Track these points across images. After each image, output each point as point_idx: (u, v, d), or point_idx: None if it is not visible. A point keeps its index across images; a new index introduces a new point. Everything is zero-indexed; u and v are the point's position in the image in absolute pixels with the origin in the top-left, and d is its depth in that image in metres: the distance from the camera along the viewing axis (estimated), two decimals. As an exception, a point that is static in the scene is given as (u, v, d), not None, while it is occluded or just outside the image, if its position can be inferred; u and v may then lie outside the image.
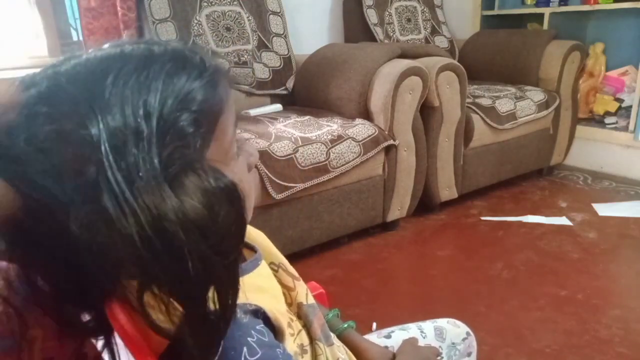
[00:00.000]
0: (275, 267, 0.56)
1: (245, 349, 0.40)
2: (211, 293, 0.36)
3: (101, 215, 0.31)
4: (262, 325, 0.43)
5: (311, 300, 0.59)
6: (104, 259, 0.33)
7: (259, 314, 0.44)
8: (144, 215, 0.31)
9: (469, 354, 0.81)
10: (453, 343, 0.79)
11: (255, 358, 0.40)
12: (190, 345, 0.35)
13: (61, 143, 0.33)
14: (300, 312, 0.55)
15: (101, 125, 0.32)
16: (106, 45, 0.38)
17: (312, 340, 0.54)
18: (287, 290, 0.55)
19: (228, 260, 0.36)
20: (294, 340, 0.50)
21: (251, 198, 0.47)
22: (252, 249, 0.53)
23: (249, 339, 0.41)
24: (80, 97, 0.33)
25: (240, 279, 0.38)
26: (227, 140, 0.40)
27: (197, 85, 0.36)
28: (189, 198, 0.32)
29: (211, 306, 0.36)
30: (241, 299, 0.40)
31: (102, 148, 0.32)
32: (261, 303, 0.45)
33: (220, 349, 0.39)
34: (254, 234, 0.57)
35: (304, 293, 0.58)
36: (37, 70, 0.37)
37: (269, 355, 0.41)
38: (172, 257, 0.32)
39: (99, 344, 0.46)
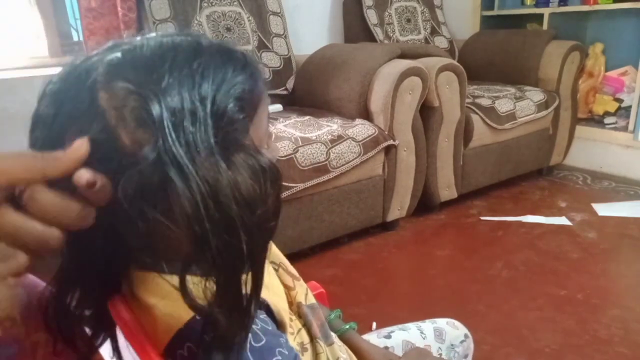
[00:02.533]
0: (275, 267, 0.57)
1: (250, 335, 0.41)
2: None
3: (165, 185, 0.34)
4: (265, 315, 0.45)
5: (311, 300, 0.59)
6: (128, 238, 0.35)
7: (262, 305, 0.45)
8: (205, 187, 0.34)
9: (465, 356, 0.82)
10: (452, 345, 0.79)
11: (260, 344, 0.41)
12: (222, 324, 0.37)
13: (121, 119, 0.35)
14: (299, 312, 0.56)
15: (163, 104, 0.35)
16: (152, 34, 0.40)
17: (312, 338, 0.55)
18: (287, 289, 0.56)
19: (266, 237, 0.39)
20: (293, 339, 0.51)
21: None
22: None
23: (253, 326, 0.41)
24: (140, 79, 0.35)
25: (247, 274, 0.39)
26: (262, 130, 0.43)
27: (242, 77, 0.39)
28: (240, 174, 0.36)
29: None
30: None
31: (165, 125, 0.34)
32: (265, 297, 0.45)
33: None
34: None
35: (304, 293, 0.58)
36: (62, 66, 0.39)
37: (273, 342, 0.42)
38: (226, 228, 0.35)
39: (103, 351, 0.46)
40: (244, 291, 0.37)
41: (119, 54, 0.37)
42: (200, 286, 0.37)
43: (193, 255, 0.36)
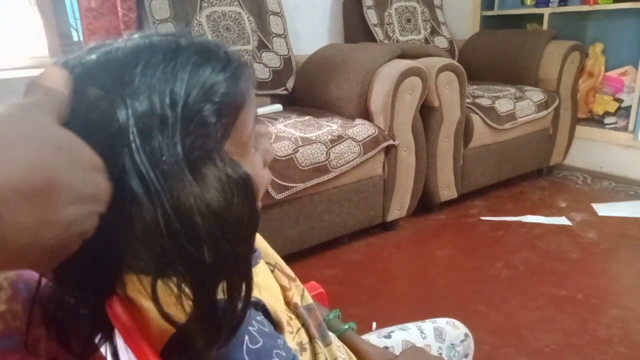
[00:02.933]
0: (271, 267, 0.56)
1: (247, 337, 0.40)
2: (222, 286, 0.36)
3: (125, 195, 0.33)
4: (262, 317, 0.44)
5: (307, 300, 0.59)
6: (117, 241, 0.34)
7: (259, 306, 0.45)
8: (166, 197, 0.33)
9: (466, 356, 0.82)
10: (452, 344, 0.79)
11: (256, 346, 0.40)
12: (195, 336, 0.36)
13: (88, 126, 0.34)
14: (296, 313, 0.56)
15: (129, 110, 0.33)
16: (135, 36, 0.39)
17: (311, 338, 0.55)
18: (283, 290, 0.56)
19: (239, 250, 0.37)
20: (292, 338, 0.51)
21: (261, 193, 0.47)
22: None
23: (250, 328, 0.41)
24: (109, 84, 0.34)
25: None
26: (247, 133, 0.41)
27: (221, 78, 0.38)
28: (207, 185, 0.34)
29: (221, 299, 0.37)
30: None
31: (130, 131, 0.33)
32: (261, 298, 0.45)
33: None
34: None
35: (300, 294, 0.58)
36: (53, 63, 0.38)
37: (271, 344, 0.42)
38: (189, 240, 0.33)
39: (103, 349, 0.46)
40: (218, 304, 0.36)
41: (94, 57, 0.36)
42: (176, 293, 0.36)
43: (158, 271, 0.35)
